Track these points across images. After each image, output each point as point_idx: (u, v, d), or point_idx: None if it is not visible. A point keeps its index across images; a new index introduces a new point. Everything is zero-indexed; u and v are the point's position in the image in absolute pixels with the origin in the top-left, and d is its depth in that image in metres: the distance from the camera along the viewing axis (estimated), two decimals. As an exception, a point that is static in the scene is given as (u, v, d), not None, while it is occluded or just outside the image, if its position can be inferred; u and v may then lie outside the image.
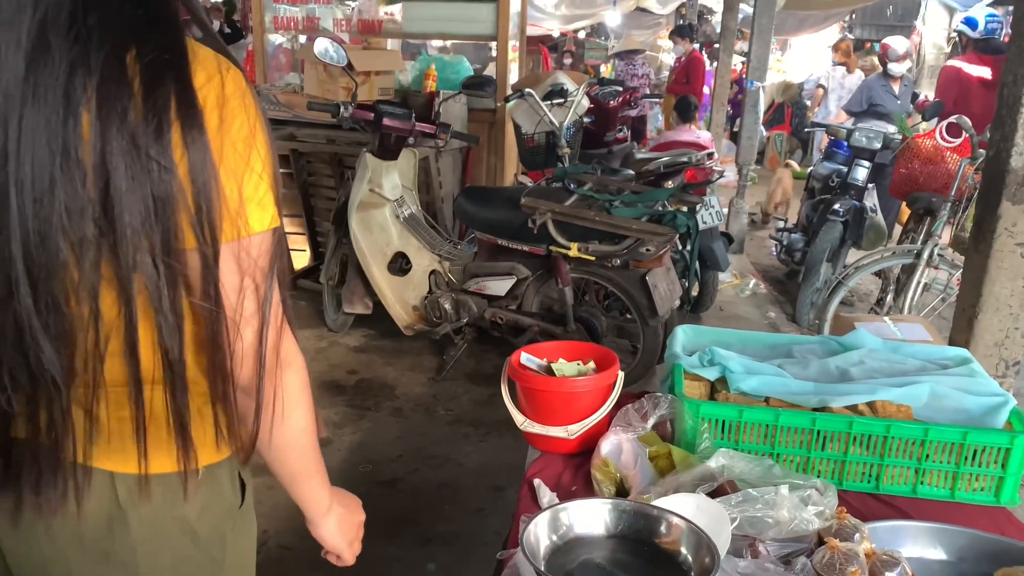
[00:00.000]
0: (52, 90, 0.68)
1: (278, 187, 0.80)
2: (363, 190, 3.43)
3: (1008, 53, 2.12)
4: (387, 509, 2.54)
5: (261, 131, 0.77)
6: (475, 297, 3.43)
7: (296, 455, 0.94)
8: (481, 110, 4.57)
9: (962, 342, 2.24)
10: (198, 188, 0.71)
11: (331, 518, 1.02)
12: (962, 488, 1.38)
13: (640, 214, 3.03)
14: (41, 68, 0.68)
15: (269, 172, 0.78)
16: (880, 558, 1.03)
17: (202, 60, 0.74)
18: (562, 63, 11.46)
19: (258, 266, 0.78)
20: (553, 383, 1.52)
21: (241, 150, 0.75)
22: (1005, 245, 2.15)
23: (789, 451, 1.40)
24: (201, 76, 0.73)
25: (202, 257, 0.73)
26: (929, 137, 4.01)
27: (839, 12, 12.01)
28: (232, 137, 0.74)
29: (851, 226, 4.37)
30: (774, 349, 1.67)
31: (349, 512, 1.06)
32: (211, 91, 0.73)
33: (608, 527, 1.09)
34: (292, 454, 0.93)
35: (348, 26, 4.86)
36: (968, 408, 1.41)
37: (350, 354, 3.72)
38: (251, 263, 0.78)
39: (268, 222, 0.78)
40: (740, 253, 5.72)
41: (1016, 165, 2.09)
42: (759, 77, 5.84)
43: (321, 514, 1.01)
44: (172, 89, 0.70)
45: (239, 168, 0.75)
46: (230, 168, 0.74)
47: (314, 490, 0.98)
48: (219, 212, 0.73)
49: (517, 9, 5.44)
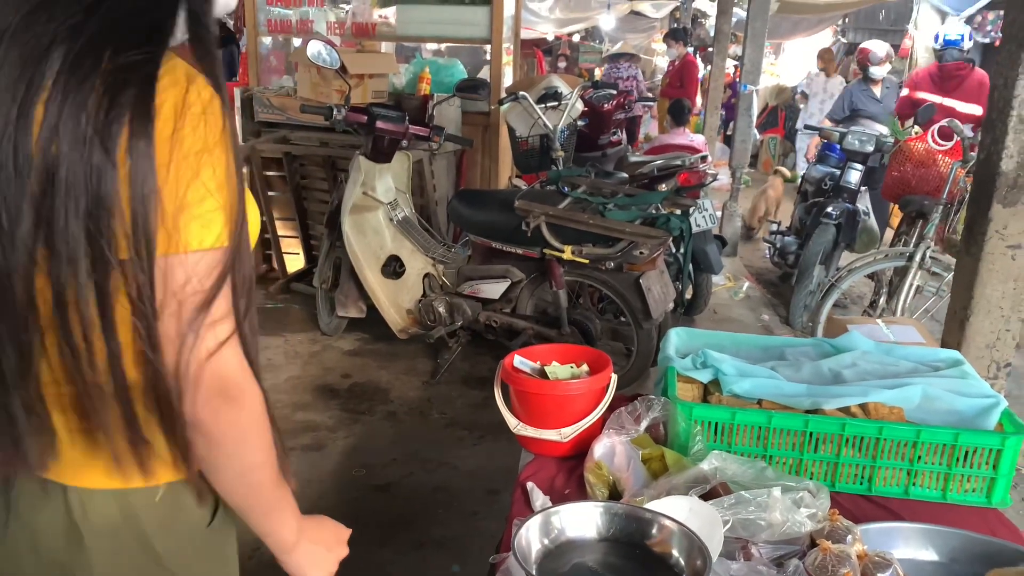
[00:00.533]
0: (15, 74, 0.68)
1: (237, 207, 0.75)
2: (356, 193, 3.42)
3: (999, 57, 2.13)
4: (381, 513, 2.54)
5: (222, 147, 0.73)
6: (469, 300, 3.42)
7: (244, 492, 0.85)
8: (475, 113, 4.57)
9: (954, 344, 2.25)
10: (135, 193, 0.69)
11: (297, 555, 0.93)
12: (954, 489, 1.38)
13: (634, 217, 3.04)
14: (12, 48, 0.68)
15: (225, 191, 0.74)
16: (872, 560, 1.03)
17: (171, 69, 0.73)
18: (556, 67, 11.49)
19: (189, 287, 0.73)
20: (546, 386, 1.52)
21: (192, 163, 0.72)
22: (996, 248, 2.16)
23: (782, 453, 1.40)
24: (165, 81, 0.71)
25: (133, 268, 0.70)
26: (921, 140, 4.03)
27: (832, 16, 12.07)
28: (184, 149, 0.71)
29: (844, 229, 4.38)
30: (767, 351, 1.67)
31: (322, 547, 0.96)
32: (169, 98, 0.71)
33: (600, 530, 1.09)
34: (240, 490, 0.85)
35: (342, 29, 4.86)
36: (960, 410, 1.41)
37: (344, 358, 3.72)
38: (180, 282, 0.72)
39: (210, 241, 0.73)
40: (733, 256, 5.74)
41: (1006, 168, 2.10)
42: (752, 81, 5.86)
43: (284, 551, 0.92)
44: (132, 92, 0.69)
45: (184, 181, 0.71)
46: (175, 179, 0.71)
47: (273, 527, 0.90)
48: (155, 223, 0.70)
49: (511, 12, 5.44)
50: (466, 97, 3.91)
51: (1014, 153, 2.09)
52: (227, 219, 0.74)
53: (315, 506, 2.54)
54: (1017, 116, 2.06)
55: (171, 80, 0.72)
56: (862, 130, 4.54)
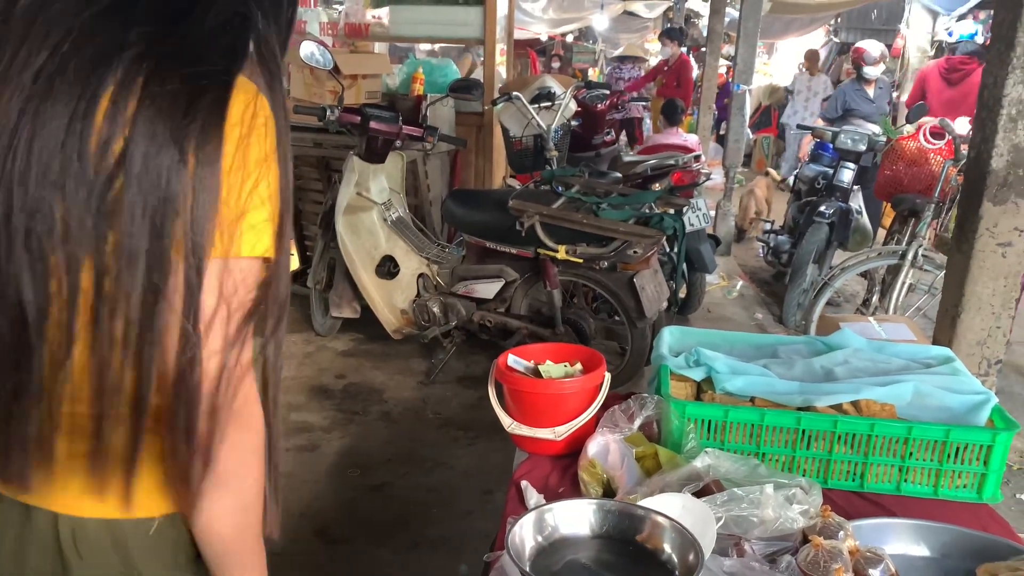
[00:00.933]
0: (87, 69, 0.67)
1: (283, 223, 0.76)
2: (350, 193, 3.42)
3: (988, 56, 2.14)
4: (376, 513, 2.54)
5: (276, 162, 0.75)
6: (463, 300, 3.43)
7: (231, 534, 0.79)
8: (469, 113, 4.57)
9: (945, 341, 2.26)
10: (199, 196, 0.69)
11: None
12: (945, 485, 1.39)
13: (627, 216, 3.04)
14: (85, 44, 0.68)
15: (276, 202, 0.75)
16: (864, 555, 1.04)
17: (241, 83, 0.74)
18: (550, 67, 11.49)
19: (237, 294, 0.73)
20: (540, 385, 1.52)
21: (252, 171, 0.73)
22: (987, 245, 2.18)
23: (774, 451, 1.41)
24: (236, 92, 0.72)
25: (187, 271, 0.70)
26: (913, 139, 4.05)
27: (824, 16, 12.11)
28: (249, 157, 0.73)
29: (837, 228, 4.40)
30: (760, 349, 1.68)
31: None
32: (238, 108, 0.72)
33: (593, 527, 1.10)
34: (226, 531, 0.78)
35: (335, 30, 4.86)
36: (951, 406, 1.42)
37: (338, 358, 3.71)
38: (230, 289, 0.72)
39: (261, 249, 0.74)
40: (727, 255, 5.75)
41: (996, 166, 2.11)
42: (745, 80, 5.88)
43: None
44: (209, 98, 0.70)
45: (246, 188, 0.73)
46: (239, 185, 0.72)
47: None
48: (213, 225, 0.70)
49: (504, 12, 5.45)
50: (460, 97, 3.92)
51: (1004, 152, 2.10)
52: (275, 231, 0.75)
53: (310, 507, 2.54)
54: (1007, 115, 2.08)
55: (242, 92, 0.73)
56: (854, 129, 4.56)
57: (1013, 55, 2.03)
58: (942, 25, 9.27)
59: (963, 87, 5.19)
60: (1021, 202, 2.13)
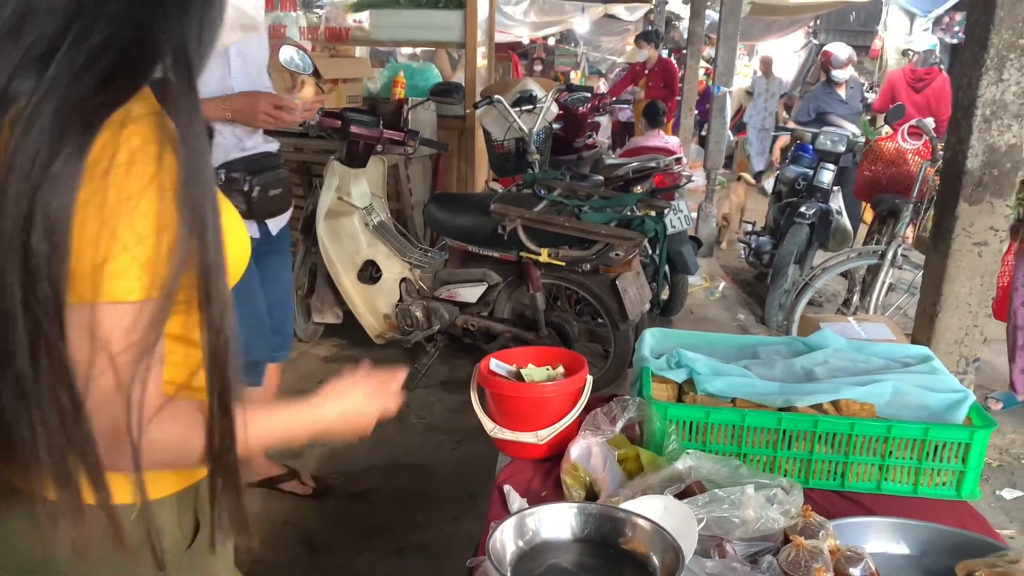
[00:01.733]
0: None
1: (173, 257, 0.72)
2: (331, 198, 3.41)
3: (962, 57, 2.17)
4: (360, 519, 2.52)
5: (151, 197, 0.71)
6: (446, 304, 3.42)
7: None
8: (451, 117, 4.57)
9: (924, 340, 2.28)
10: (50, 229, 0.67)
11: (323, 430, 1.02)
12: (925, 483, 1.40)
13: (609, 219, 3.05)
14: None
15: (149, 242, 0.71)
16: (844, 554, 1.05)
17: (123, 111, 0.72)
18: (532, 70, 11.52)
19: (114, 338, 0.71)
20: (522, 388, 1.52)
21: (108, 215, 0.70)
22: (963, 245, 2.20)
23: (756, 451, 1.41)
24: (107, 126, 0.71)
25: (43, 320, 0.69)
26: (891, 140, 4.09)
27: (803, 18, 12.23)
28: (105, 199, 0.70)
29: (817, 228, 4.44)
30: (741, 350, 1.68)
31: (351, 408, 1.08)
32: (102, 142, 0.70)
33: (575, 531, 1.10)
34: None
35: (315, 34, 4.83)
36: (929, 405, 1.43)
37: (320, 364, 3.69)
38: (106, 333, 0.71)
39: (131, 294, 0.71)
40: (709, 256, 5.78)
41: (972, 167, 2.14)
42: (726, 82, 5.92)
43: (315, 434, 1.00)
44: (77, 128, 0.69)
45: (103, 234, 0.70)
46: (98, 226, 0.70)
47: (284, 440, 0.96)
48: (65, 266, 0.69)
49: (485, 16, 5.45)
50: (441, 101, 3.91)
51: (979, 152, 2.13)
52: (151, 271, 0.72)
53: (293, 513, 2.52)
54: (981, 116, 2.10)
55: (114, 123, 0.71)
56: (834, 130, 4.60)
57: (986, 56, 2.06)
58: (919, 26, 9.41)
59: (928, 92, 5.63)
60: (996, 202, 2.16)
